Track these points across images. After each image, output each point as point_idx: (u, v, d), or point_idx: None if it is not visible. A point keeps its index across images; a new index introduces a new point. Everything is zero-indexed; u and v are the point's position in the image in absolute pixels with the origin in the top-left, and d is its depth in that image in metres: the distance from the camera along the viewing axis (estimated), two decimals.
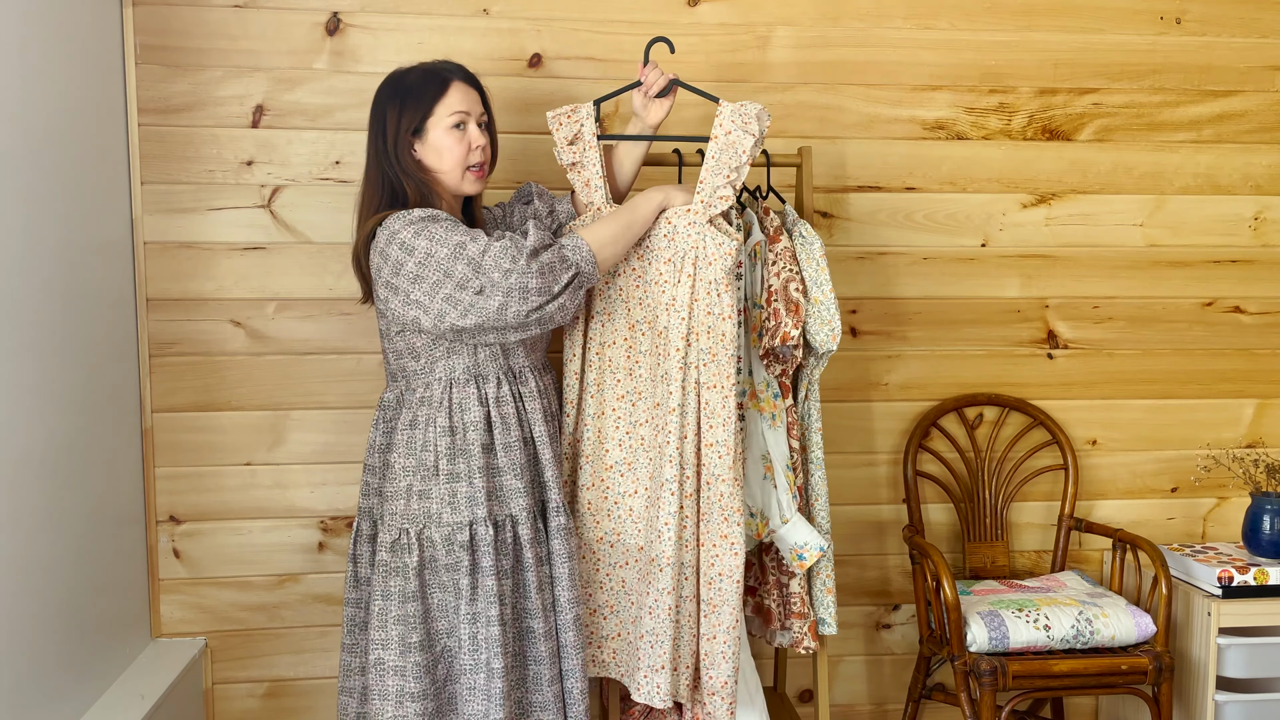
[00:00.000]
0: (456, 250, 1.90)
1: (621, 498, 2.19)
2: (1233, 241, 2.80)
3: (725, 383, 2.09)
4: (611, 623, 2.21)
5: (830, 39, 2.63)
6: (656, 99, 2.20)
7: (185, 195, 2.48)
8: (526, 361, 2.09)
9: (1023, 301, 2.75)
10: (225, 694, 2.59)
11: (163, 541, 2.54)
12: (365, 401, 2.55)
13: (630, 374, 2.18)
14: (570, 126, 2.19)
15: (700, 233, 2.09)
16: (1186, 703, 2.56)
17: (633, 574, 2.18)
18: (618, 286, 2.18)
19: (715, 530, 2.11)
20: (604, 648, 2.22)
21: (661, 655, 2.07)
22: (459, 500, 1.98)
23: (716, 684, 2.12)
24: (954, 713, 2.82)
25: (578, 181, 2.21)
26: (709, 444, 2.10)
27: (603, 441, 2.19)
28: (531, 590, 2.03)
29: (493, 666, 1.96)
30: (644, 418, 2.17)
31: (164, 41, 2.44)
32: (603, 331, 2.20)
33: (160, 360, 2.50)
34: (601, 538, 2.20)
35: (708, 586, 2.12)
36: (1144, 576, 2.60)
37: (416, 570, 1.99)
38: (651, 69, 2.18)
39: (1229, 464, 2.81)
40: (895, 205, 2.69)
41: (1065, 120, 2.72)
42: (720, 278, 2.08)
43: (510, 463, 2.02)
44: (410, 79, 2.03)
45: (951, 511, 2.78)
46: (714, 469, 2.10)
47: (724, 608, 2.11)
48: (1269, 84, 2.77)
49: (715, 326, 2.09)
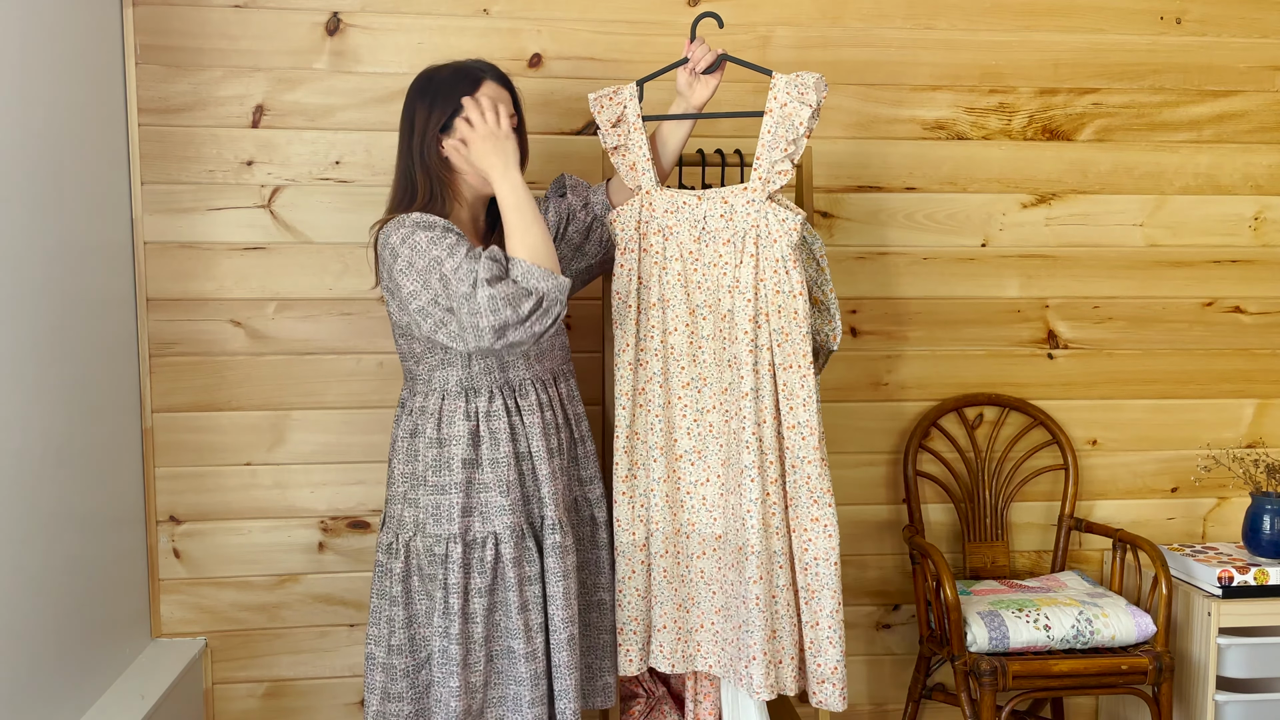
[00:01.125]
0: (432, 264, 1.86)
1: (694, 487, 2.13)
2: (1233, 241, 2.80)
3: (803, 361, 2.03)
4: (694, 615, 2.15)
5: (830, 39, 2.62)
6: (703, 75, 2.11)
7: (185, 195, 2.48)
8: (529, 374, 2.04)
9: (1023, 301, 2.75)
10: (225, 694, 2.59)
11: (163, 541, 2.54)
12: (365, 401, 2.55)
13: (694, 360, 2.13)
14: (613, 109, 2.12)
15: (760, 210, 2.04)
16: (1186, 703, 2.56)
17: (711, 564, 2.13)
18: (675, 272, 2.11)
19: (805, 514, 2.06)
20: (690, 641, 2.16)
21: (760, 644, 2.02)
22: (441, 513, 1.97)
23: (826, 670, 2.06)
24: (954, 713, 2.82)
25: (623, 165, 2.13)
26: (790, 426, 2.05)
27: (672, 431, 2.14)
28: (513, 610, 1.98)
29: (450, 684, 1.95)
30: (710, 404, 2.12)
31: (164, 41, 2.44)
32: (664, 319, 2.13)
33: (160, 360, 2.50)
34: (679, 529, 2.15)
35: (804, 573, 2.06)
36: (1144, 576, 2.60)
37: (402, 576, 1.99)
38: (699, 45, 2.09)
39: (1229, 464, 2.81)
40: (895, 205, 2.69)
41: (1065, 120, 2.72)
42: (787, 254, 2.03)
43: (497, 479, 1.98)
44: (442, 76, 2.00)
45: (951, 511, 2.78)
46: (799, 451, 2.05)
47: (823, 592, 2.05)
48: (1269, 84, 2.77)
49: (786, 305, 2.03)
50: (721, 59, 2.10)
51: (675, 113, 2.15)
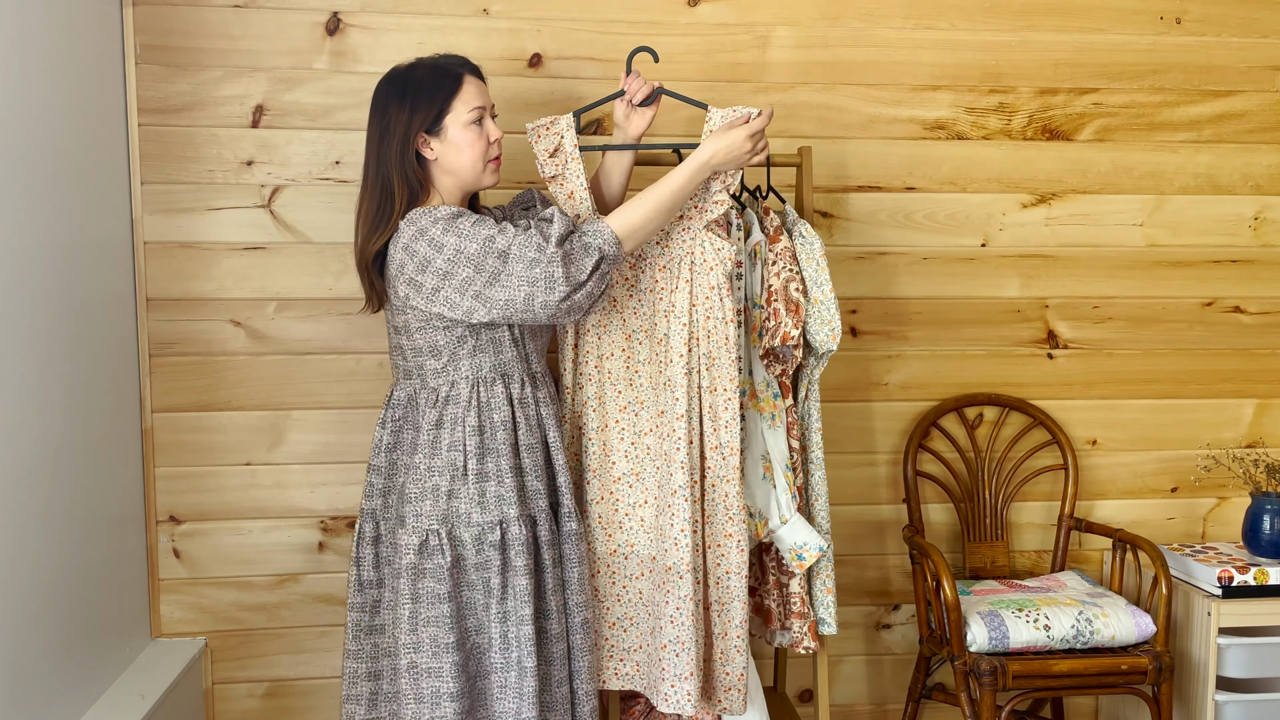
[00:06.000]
0: (486, 244, 1.89)
1: (632, 509, 2.18)
2: (1233, 241, 2.80)
3: (729, 385, 2.09)
4: (632, 635, 2.20)
5: (830, 39, 2.63)
6: (639, 108, 2.17)
7: (185, 195, 2.48)
8: (539, 367, 2.10)
9: (1023, 301, 2.76)
10: (225, 694, 2.59)
11: (163, 541, 2.54)
12: (365, 401, 2.55)
13: (630, 384, 2.18)
14: (550, 139, 2.16)
15: (694, 238, 2.09)
16: (1186, 703, 2.56)
17: (648, 584, 2.17)
18: (610, 298, 2.17)
19: (720, 530, 2.12)
20: (626, 660, 2.21)
21: (688, 662, 2.07)
22: (488, 499, 1.98)
23: (733, 678, 2.13)
24: (954, 713, 2.82)
25: (560, 194, 2.16)
26: (713, 446, 2.11)
27: (608, 454, 2.19)
28: (548, 591, 2.04)
29: (524, 665, 1.97)
30: (648, 427, 2.17)
31: (164, 41, 2.44)
32: (599, 344, 2.19)
33: (160, 360, 2.50)
34: (615, 550, 2.19)
35: (716, 586, 2.13)
36: (1144, 576, 2.60)
37: (449, 571, 1.97)
38: (634, 78, 2.15)
39: (1229, 464, 2.81)
40: (895, 205, 2.69)
41: (1065, 120, 2.72)
42: (721, 282, 2.08)
43: (533, 464, 2.03)
44: (417, 76, 1.97)
45: (951, 511, 2.78)
46: (719, 470, 2.11)
47: (733, 604, 2.12)
48: (1269, 84, 2.77)
49: (715, 330, 2.09)
50: (658, 92, 2.17)
51: (614, 143, 2.20)
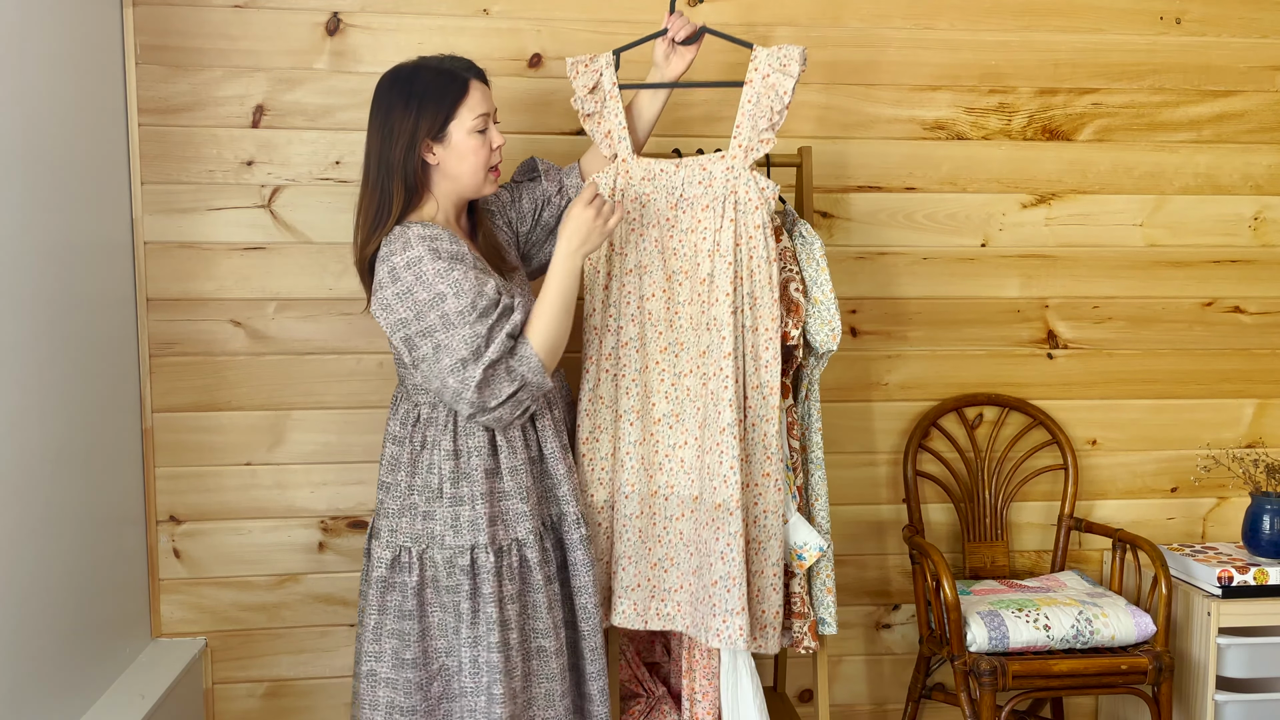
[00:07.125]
0: (435, 301, 1.85)
1: (672, 450, 2.16)
2: (1233, 241, 2.80)
3: (770, 324, 2.10)
4: (673, 575, 2.17)
5: (830, 39, 2.62)
6: (680, 47, 2.12)
7: (185, 195, 2.48)
8: None
9: (1023, 301, 2.75)
10: (225, 694, 2.59)
11: (163, 541, 2.54)
12: (365, 401, 2.55)
13: (671, 325, 2.16)
14: (589, 75, 2.15)
15: (739, 177, 2.09)
16: (1186, 703, 2.56)
17: (689, 525, 2.15)
18: (652, 238, 2.15)
19: (758, 469, 2.12)
20: (668, 600, 2.18)
21: (740, 598, 2.05)
22: (461, 524, 1.95)
23: (768, 617, 2.14)
24: (954, 713, 2.82)
25: (597, 132, 2.16)
26: (754, 386, 2.11)
27: (649, 395, 2.17)
28: (542, 611, 2.00)
29: (493, 692, 1.94)
30: (688, 368, 2.15)
31: (164, 41, 2.44)
32: (641, 285, 2.16)
33: (160, 360, 2.50)
34: (656, 491, 2.17)
35: (754, 525, 2.13)
36: (1144, 576, 2.60)
37: (416, 589, 1.97)
38: (677, 16, 2.12)
39: (1229, 464, 2.81)
40: (895, 205, 2.69)
41: (1065, 120, 2.72)
42: (765, 221, 2.09)
43: (516, 486, 1.98)
44: (423, 79, 1.93)
45: (951, 511, 2.78)
46: (759, 410, 2.11)
47: (770, 542, 2.13)
48: (1269, 84, 2.77)
49: (759, 270, 2.09)
50: (701, 31, 2.13)
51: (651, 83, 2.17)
